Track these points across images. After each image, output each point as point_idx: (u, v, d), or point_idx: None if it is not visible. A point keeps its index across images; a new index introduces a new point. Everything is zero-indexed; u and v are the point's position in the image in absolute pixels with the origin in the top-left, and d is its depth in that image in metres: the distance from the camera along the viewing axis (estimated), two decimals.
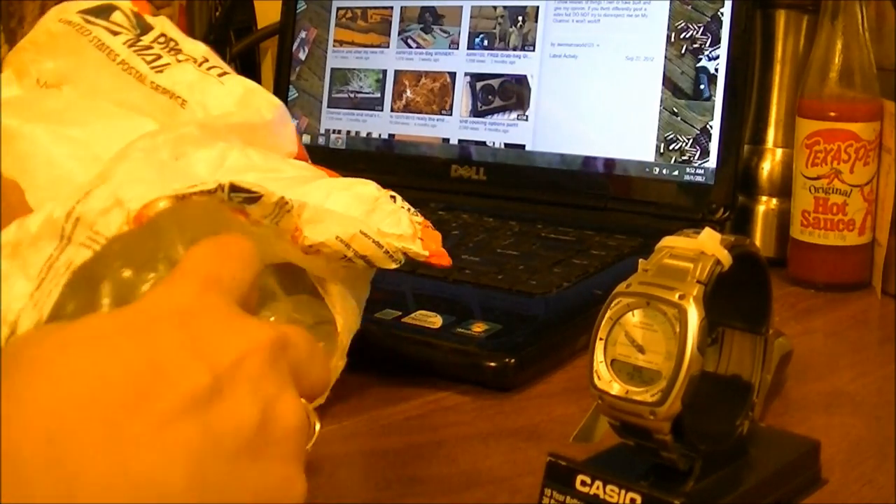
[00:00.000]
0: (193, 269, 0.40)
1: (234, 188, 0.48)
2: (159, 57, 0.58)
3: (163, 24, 0.60)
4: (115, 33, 0.58)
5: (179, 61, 0.59)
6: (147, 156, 0.51)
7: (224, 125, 0.57)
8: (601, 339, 0.46)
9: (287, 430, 0.37)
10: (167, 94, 0.58)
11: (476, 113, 0.99)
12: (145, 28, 0.59)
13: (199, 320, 0.37)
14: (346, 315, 0.57)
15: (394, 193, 0.59)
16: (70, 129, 0.55)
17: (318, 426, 0.42)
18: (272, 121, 0.61)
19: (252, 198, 0.49)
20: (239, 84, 0.61)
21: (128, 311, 0.38)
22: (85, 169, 0.52)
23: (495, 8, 0.99)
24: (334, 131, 1.08)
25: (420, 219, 0.59)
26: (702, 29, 0.88)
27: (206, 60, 0.60)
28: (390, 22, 1.05)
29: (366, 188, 0.59)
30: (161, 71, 0.58)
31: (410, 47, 1.04)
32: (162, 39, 0.59)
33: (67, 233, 0.47)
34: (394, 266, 0.56)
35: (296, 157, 0.63)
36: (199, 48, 0.61)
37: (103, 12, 0.59)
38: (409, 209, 0.59)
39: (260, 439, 0.36)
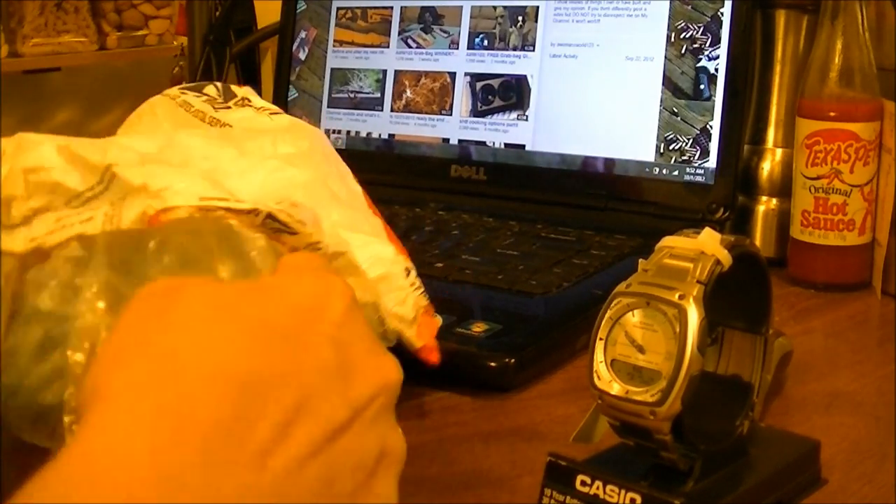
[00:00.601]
0: (332, 270, 0.39)
1: (272, 217, 0.47)
2: (229, 108, 0.61)
3: (247, 91, 0.63)
4: (200, 97, 0.62)
5: (241, 107, 0.61)
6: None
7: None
8: (601, 339, 0.46)
9: (394, 459, 0.37)
10: (219, 123, 0.60)
11: (476, 113, 0.99)
12: (230, 95, 0.62)
13: (351, 339, 0.36)
14: None
15: (409, 266, 0.58)
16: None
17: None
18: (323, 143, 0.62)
19: (287, 231, 0.48)
20: (286, 117, 0.62)
21: (272, 303, 0.36)
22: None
23: (495, 8, 0.99)
24: (334, 131, 1.08)
25: (425, 302, 0.58)
26: (702, 29, 0.88)
27: (266, 108, 0.63)
28: (390, 22, 1.05)
29: (385, 249, 0.58)
30: (220, 111, 0.61)
31: (410, 47, 1.04)
32: (239, 100, 0.62)
33: (105, 180, 0.47)
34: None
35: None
36: (266, 104, 0.63)
37: (197, 87, 0.63)
38: (417, 287, 0.58)
39: (372, 475, 0.36)
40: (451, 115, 1.00)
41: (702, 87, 0.87)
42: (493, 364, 0.64)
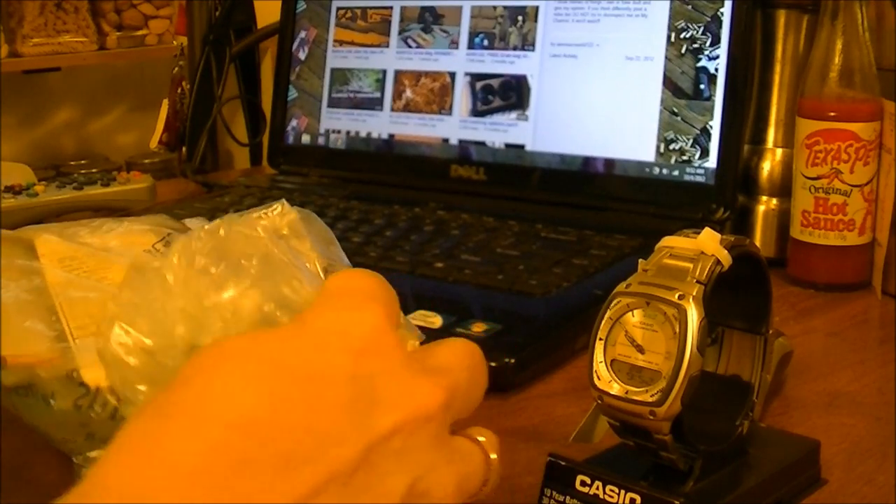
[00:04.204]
0: (368, 294, 0.37)
1: None
2: None
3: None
4: None
5: None
6: None
7: None
8: (601, 339, 0.46)
9: (438, 497, 0.35)
10: None
11: (476, 113, 0.99)
12: None
13: (374, 368, 0.35)
14: None
15: None
16: None
17: (493, 457, 0.40)
18: None
19: None
20: None
21: (289, 344, 0.35)
22: None
23: (495, 8, 0.99)
24: (334, 131, 1.08)
25: None
26: (702, 29, 0.88)
27: None
28: (390, 22, 1.05)
29: None
30: None
31: (410, 47, 1.04)
32: None
33: None
34: None
35: None
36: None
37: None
38: None
39: None
40: (450, 114, 1.00)
41: (702, 87, 0.87)
42: (493, 364, 0.64)
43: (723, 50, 0.87)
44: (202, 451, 0.31)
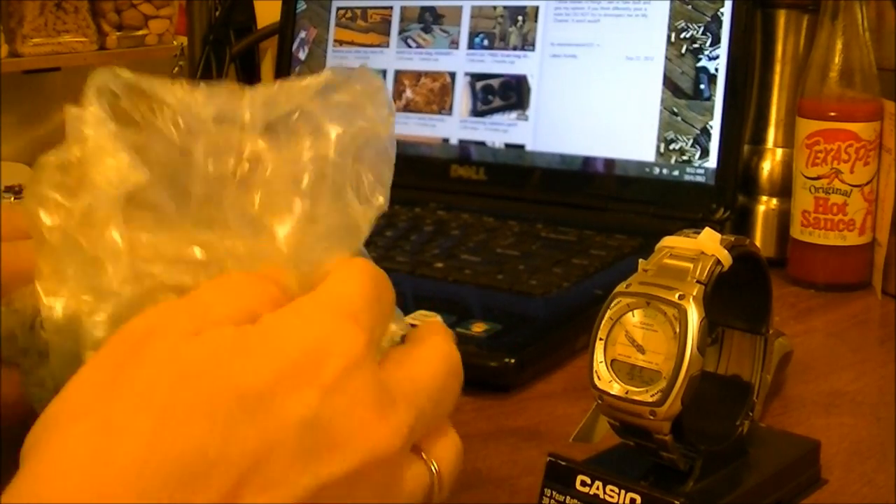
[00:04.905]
0: (357, 311, 0.35)
1: None
2: None
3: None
4: None
5: None
6: None
7: None
8: (601, 339, 0.46)
9: None
10: None
11: (476, 113, 0.99)
12: None
13: (341, 406, 0.33)
14: None
15: None
16: None
17: (434, 468, 0.38)
18: None
19: None
20: None
21: (253, 362, 0.32)
22: None
23: (495, 8, 0.99)
24: None
25: None
26: (702, 29, 0.88)
27: None
28: (390, 22, 1.05)
29: None
30: None
31: (410, 47, 1.04)
32: None
33: None
34: None
35: None
36: None
37: None
38: None
39: None
40: (451, 114, 1.00)
41: (702, 87, 0.87)
42: (493, 364, 0.64)
43: (723, 50, 0.87)
44: (150, 475, 0.30)
